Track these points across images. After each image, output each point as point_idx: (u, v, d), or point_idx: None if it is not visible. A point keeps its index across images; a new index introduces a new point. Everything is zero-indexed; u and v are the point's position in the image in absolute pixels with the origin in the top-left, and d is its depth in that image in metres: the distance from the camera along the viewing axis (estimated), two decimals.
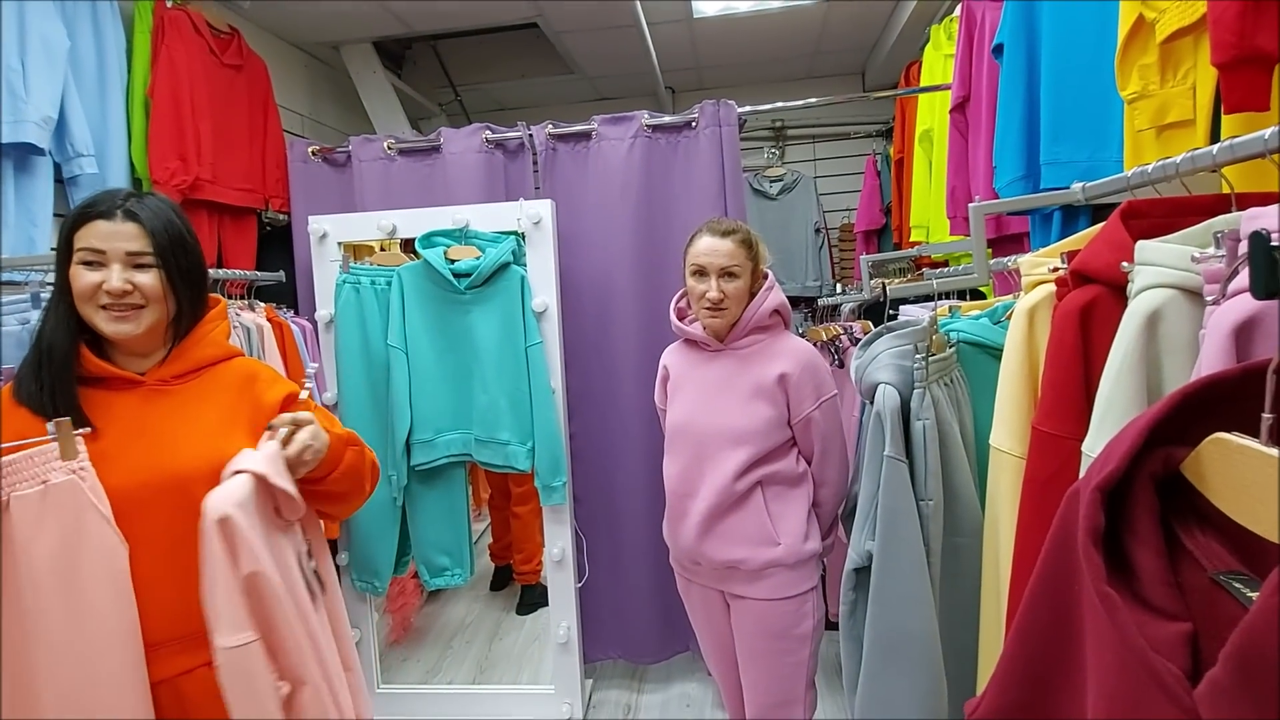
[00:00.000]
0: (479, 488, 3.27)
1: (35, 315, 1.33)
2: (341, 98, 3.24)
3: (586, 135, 2.21)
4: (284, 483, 0.93)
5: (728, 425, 1.36)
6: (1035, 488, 0.77)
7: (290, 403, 1.07)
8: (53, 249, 1.74)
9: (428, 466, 1.97)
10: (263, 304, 1.97)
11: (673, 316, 1.51)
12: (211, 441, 0.99)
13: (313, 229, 2.08)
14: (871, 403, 1.05)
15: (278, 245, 2.45)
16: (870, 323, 1.76)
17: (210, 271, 1.90)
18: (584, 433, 2.18)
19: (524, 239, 2.01)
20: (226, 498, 0.88)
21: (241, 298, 2.09)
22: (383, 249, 2.24)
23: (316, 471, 1.00)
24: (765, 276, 1.44)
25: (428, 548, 2.03)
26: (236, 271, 2.13)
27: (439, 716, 2.14)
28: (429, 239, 1.98)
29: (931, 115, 2.50)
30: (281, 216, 2.44)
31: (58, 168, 1.78)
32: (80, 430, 0.93)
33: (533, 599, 2.82)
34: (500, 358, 1.94)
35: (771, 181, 3.63)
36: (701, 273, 1.38)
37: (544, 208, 2.00)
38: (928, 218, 2.52)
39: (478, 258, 1.96)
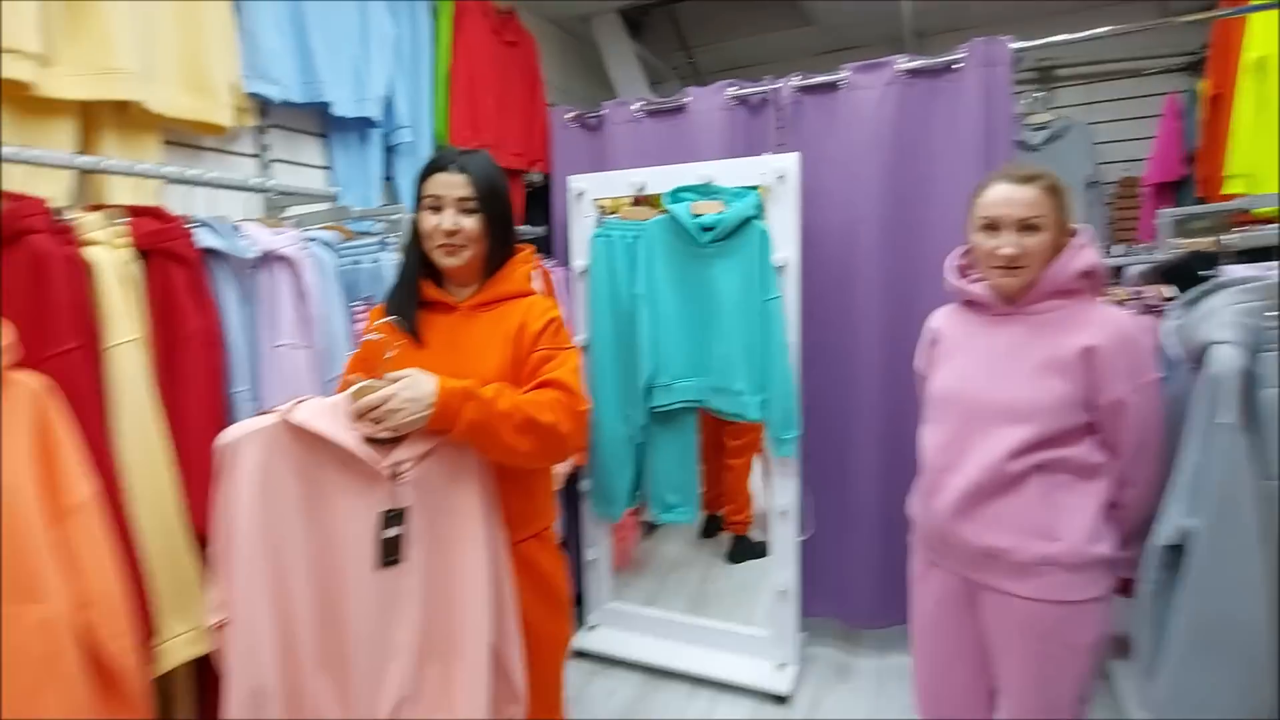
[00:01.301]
0: None
1: (383, 256, 1.64)
2: (586, 69, 3.47)
3: (833, 86, 2.15)
4: (327, 428, 0.94)
5: (1008, 398, 1.20)
6: None
7: (546, 330, 1.19)
8: (384, 204, 2.13)
9: (665, 409, 2.10)
10: (536, 253, 2.21)
11: (950, 274, 1.36)
12: (488, 361, 1.17)
13: (572, 188, 2.28)
14: (1197, 365, 0.91)
15: (533, 203, 2.74)
16: (1174, 287, 1.51)
17: None
18: (817, 390, 2.17)
19: (767, 194, 2.02)
20: (239, 429, 0.95)
21: None
22: (638, 204, 2.40)
23: (435, 425, 1.03)
24: (1074, 233, 1.25)
25: (660, 485, 2.18)
26: None
27: (660, 637, 2.33)
28: (675, 194, 2.08)
29: (1269, 38, 2.04)
30: (537, 178, 2.72)
31: (384, 138, 2.16)
32: (398, 343, 1.14)
33: (742, 548, 2.91)
34: (738, 310, 2.00)
35: (1035, 130, 3.22)
36: (993, 226, 1.22)
37: (789, 162, 2.00)
38: (1254, 165, 2.08)
39: (721, 212, 2.01)
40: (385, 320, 1.17)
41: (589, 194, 2.27)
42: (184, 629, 1.17)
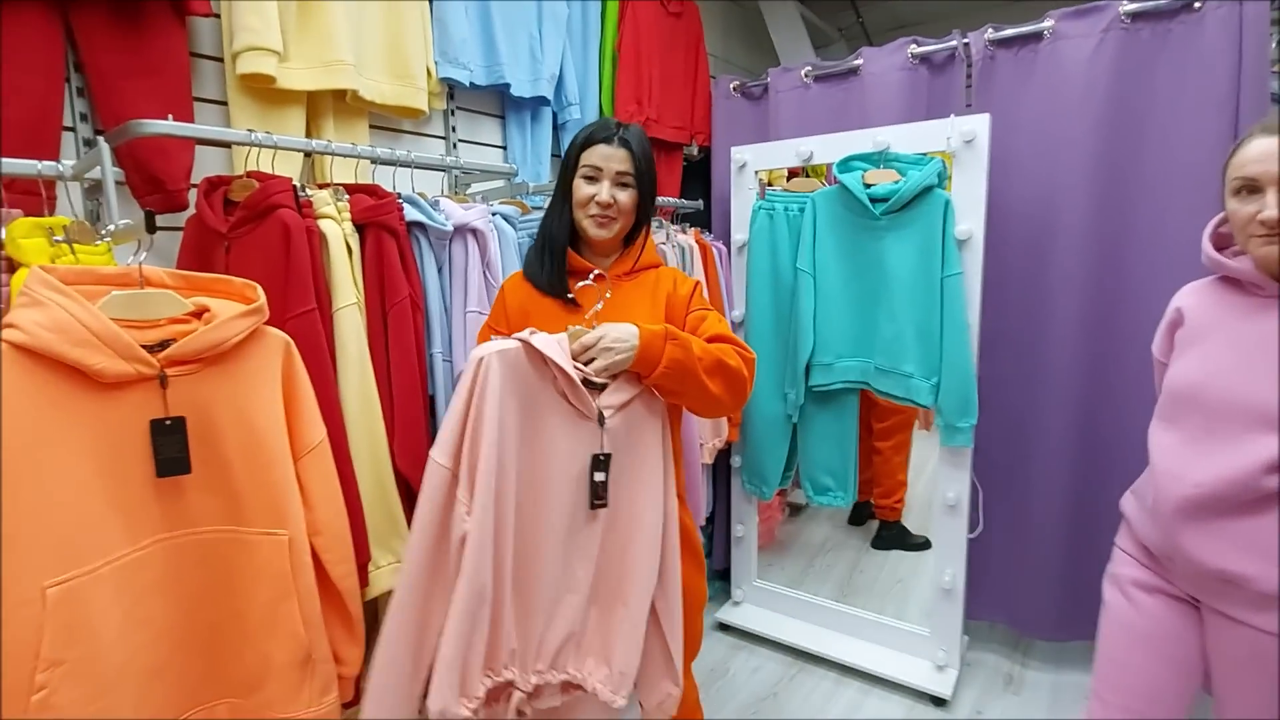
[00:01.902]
0: None
1: None
2: (747, 36, 3.38)
3: (1036, 37, 1.92)
4: (560, 359, 0.99)
5: (1265, 399, 1.00)
6: None
7: (694, 294, 1.25)
8: (553, 179, 2.22)
9: (824, 389, 2.03)
10: (693, 228, 2.21)
11: (1207, 246, 1.14)
12: (642, 324, 1.16)
13: (735, 159, 2.24)
14: None
15: (690, 177, 2.73)
16: None
17: None
18: (996, 376, 2.00)
19: (951, 160, 1.86)
20: (491, 346, 0.99)
21: (672, 222, 2.39)
22: (793, 175, 2.32)
23: (639, 365, 1.05)
24: None
25: (815, 466, 2.12)
26: (666, 199, 2.44)
27: (805, 621, 2.29)
28: (846, 163, 1.97)
29: None
30: (694, 150, 2.70)
31: (553, 116, 2.24)
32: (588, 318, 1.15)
33: (891, 536, 2.77)
34: (912, 286, 1.87)
35: None
36: (1252, 188, 1.02)
37: (979, 123, 1.82)
38: None
39: (897, 181, 1.89)
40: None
41: (751, 165, 2.22)
42: (388, 561, 1.32)
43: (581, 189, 1.20)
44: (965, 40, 2.03)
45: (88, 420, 0.87)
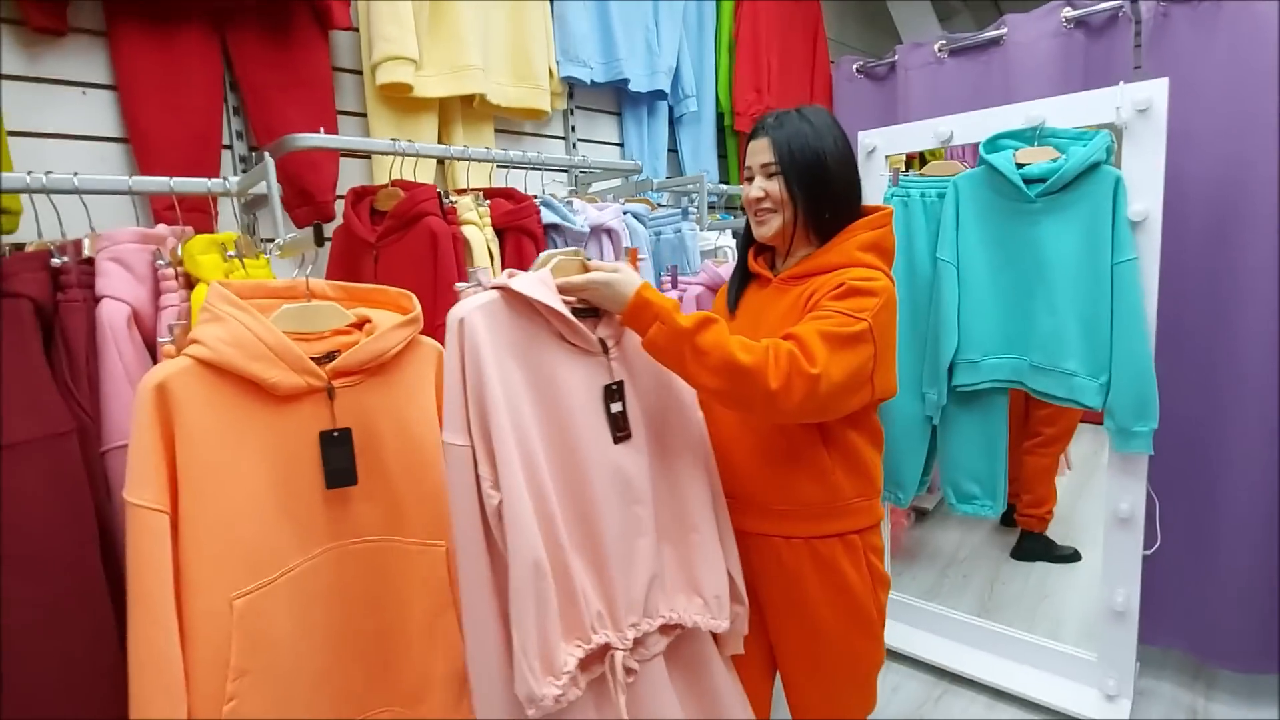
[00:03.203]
0: None
1: (684, 226, 1.65)
2: (862, 16, 3.20)
3: None
4: (547, 298, 0.89)
5: None
6: None
7: (835, 290, 1.02)
8: (669, 175, 2.17)
9: (970, 389, 1.87)
10: None
11: None
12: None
13: (863, 144, 2.10)
14: None
15: None
16: None
17: None
18: (1171, 373, 1.77)
19: (1119, 134, 1.66)
20: (469, 303, 0.87)
21: None
22: (911, 159, 2.15)
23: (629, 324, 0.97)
24: None
25: (958, 472, 1.96)
26: None
27: (945, 637, 2.13)
28: (994, 142, 1.80)
29: None
30: None
31: (669, 109, 2.18)
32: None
33: (1035, 547, 2.55)
34: (1076, 275, 1.68)
35: None
36: None
37: (1155, 90, 1.61)
38: None
39: (1055, 159, 1.70)
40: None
41: (881, 150, 2.07)
42: None
43: (745, 190, 1.13)
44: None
45: (263, 432, 0.88)
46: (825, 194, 1.08)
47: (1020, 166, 1.74)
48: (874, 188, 2.08)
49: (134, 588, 0.75)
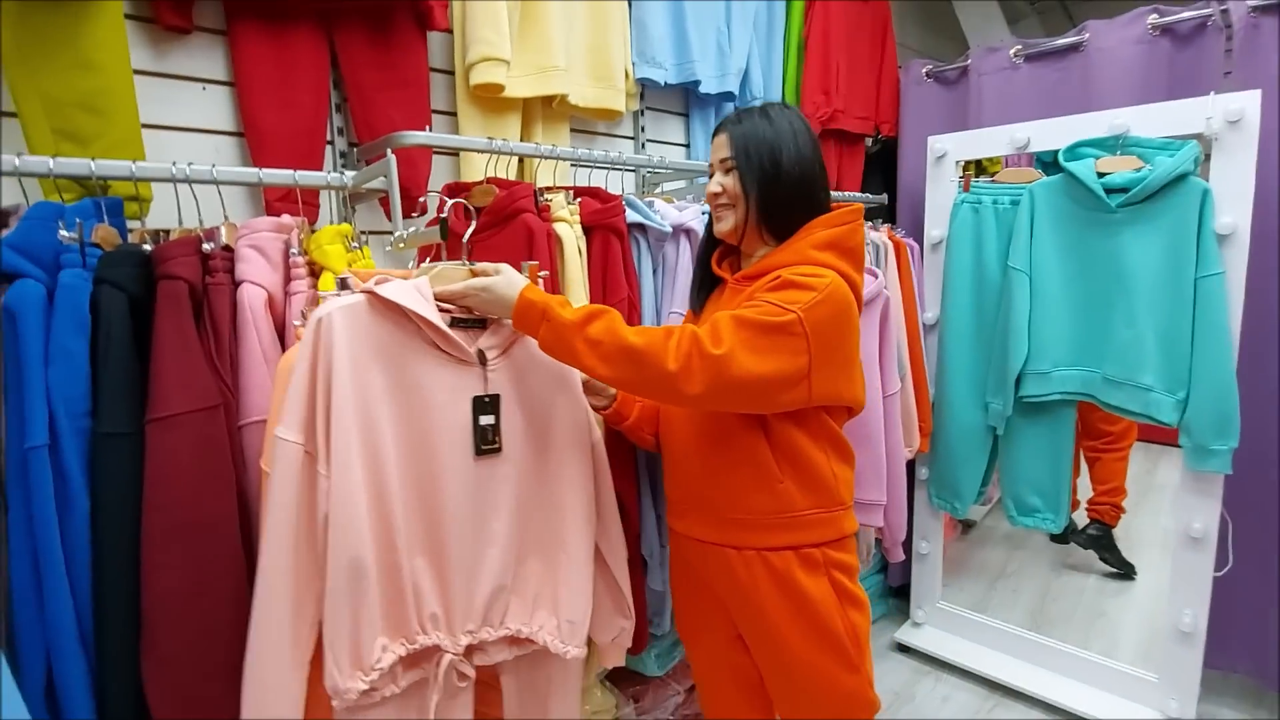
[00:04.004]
0: None
1: None
2: (926, 19, 3.16)
3: None
4: (418, 306, 0.87)
5: None
6: None
7: (771, 284, 0.99)
8: None
9: (1037, 400, 1.85)
10: (885, 224, 2.09)
11: None
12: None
13: (933, 149, 2.09)
14: None
15: (871, 169, 2.59)
16: None
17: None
18: (1251, 391, 1.73)
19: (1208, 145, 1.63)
20: (332, 303, 0.85)
21: None
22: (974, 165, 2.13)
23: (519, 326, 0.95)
24: None
25: (1020, 484, 1.94)
26: (847, 193, 2.32)
27: (997, 650, 2.11)
28: (1074, 150, 1.78)
29: None
30: (870, 142, 2.55)
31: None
32: None
33: (1096, 538, 2.55)
34: (1156, 288, 1.66)
35: None
36: None
37: (1248, 101, 1.58)
38: None
39: (1139, 169, 1.67)
40: None
41: (952, 155, 2.06)
42: None
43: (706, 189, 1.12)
44: (1224, 6, 1.76)
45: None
46: (778, 191, 1.04)
47: (1101, 175, 1.72)
48: (943, 192, 2.07)
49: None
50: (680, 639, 1.29)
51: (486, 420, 0.94)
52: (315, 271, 1.00)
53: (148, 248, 0.88)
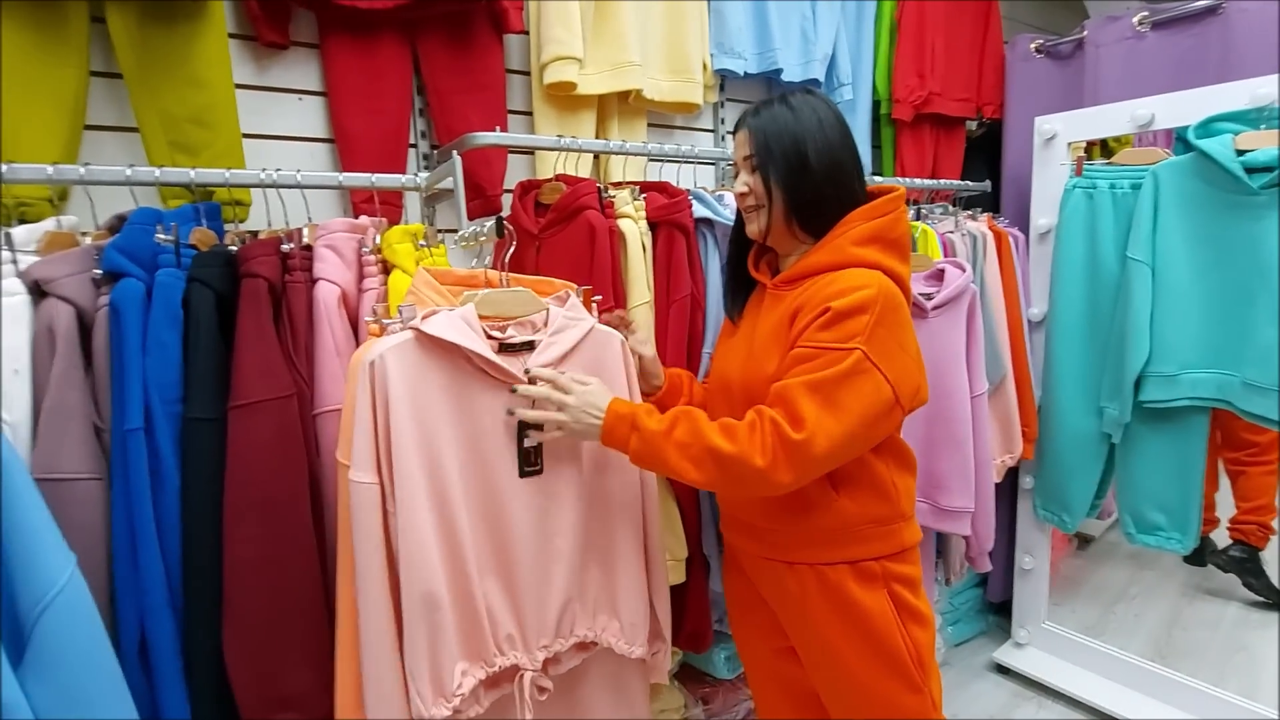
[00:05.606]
0: None
1: None
2: None
3: None
4: (464, 340, 0.87)
5: None
6: None
7: (819, 319, 0.90)
8: None
9: (1161, 406, 1.66)
10: (984, 213, 1.95)
11: None
12: (770, 356, 0.96)
13: (1040, 130, 1.92)
14: None
15: (972, 154, 2.42)
16: None
17: (918, 182, 2.03)
18: None
19: None
20: (382, 344, 0.86)
21: (956, 207, 2.13)
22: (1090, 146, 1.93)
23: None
24: None
25: (1141, 498, 1.75)
26: (944, 181, 2.18)
27: (1109, 679, 1.92)
28: (1207, 125, 1.58)
29: None
30: (973, 125, 2.38)
31: None
32: None
33: (1239, 560, 2.27)
34: None
35: None
36: None
37: None
38: None
39: None
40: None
41: (1063, 136, 1.88)
42: (672, 558, 1.32)
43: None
44: None
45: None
46: (807, 185, 0.96)
47: (1240, 154, 1.52)
48: (1052, 177, 1.90)
49: (357, 558, 0.84)
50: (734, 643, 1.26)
51: (530, 442, 0.96)
52: (387, 269, 1.05)
53: (235, 248, 0.95)
